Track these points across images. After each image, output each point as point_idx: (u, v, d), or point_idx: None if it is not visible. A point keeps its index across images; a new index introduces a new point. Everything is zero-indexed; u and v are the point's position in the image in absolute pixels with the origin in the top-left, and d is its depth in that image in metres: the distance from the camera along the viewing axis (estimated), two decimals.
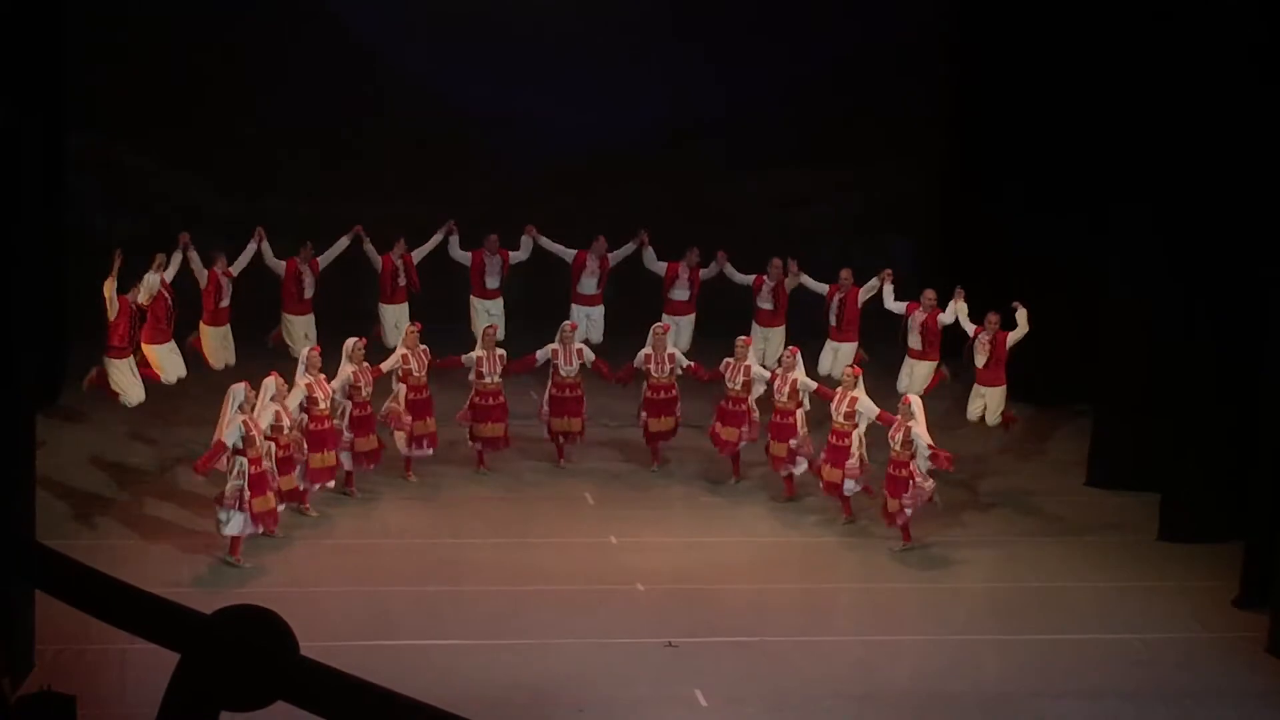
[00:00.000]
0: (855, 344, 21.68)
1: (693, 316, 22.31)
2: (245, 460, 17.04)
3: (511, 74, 26.48)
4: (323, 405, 18.54)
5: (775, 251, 26.51)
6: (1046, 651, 15.96)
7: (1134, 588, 17.55)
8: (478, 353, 20.07)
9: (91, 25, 24.37)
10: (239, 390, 17.32)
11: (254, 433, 17.14)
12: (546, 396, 20.45)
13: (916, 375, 21.11)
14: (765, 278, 22.11)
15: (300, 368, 18.74)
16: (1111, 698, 14.91)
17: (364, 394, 19.16)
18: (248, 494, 17.02)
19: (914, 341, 21.27)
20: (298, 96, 26.22)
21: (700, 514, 19.46)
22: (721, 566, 17.84)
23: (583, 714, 14.17)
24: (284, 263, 21.74)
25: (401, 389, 19.66)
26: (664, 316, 21.91)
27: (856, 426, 18.59)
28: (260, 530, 17.39)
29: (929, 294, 21.31)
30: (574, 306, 22.37)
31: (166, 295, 20.10)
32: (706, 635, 15.98)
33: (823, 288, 22.00)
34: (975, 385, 20.74)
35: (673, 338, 21.19)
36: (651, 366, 20.36)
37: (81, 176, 24.54)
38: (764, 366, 20.29)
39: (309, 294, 21.82)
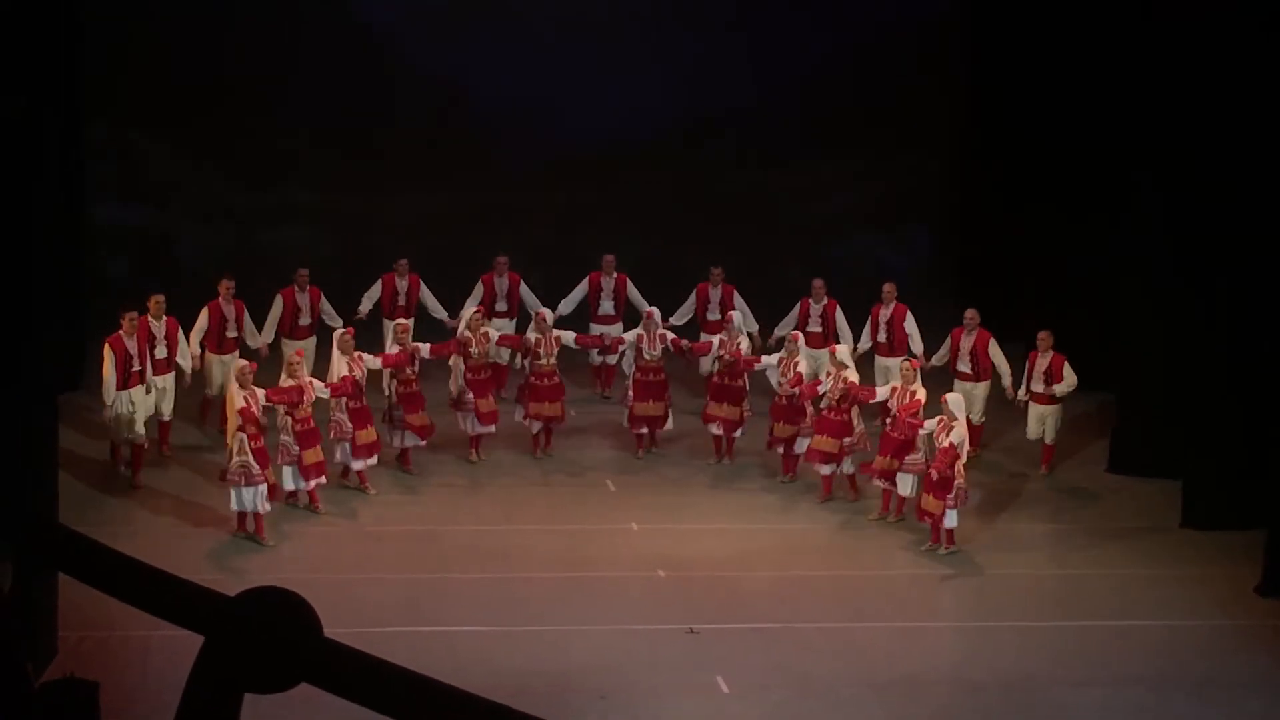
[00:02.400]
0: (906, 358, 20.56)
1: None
2: (245, 437, 17.30)
3: (525, 65, 26.45)
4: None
5: (791, 244, 26.58)
6: (1069, 639, 15.94)
7: (1156, 575, 17.52)
8: (534, 334, 20.45)
9: (106, 16, 24.40)
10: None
11: (254, 409, 17.39)
12: (631, 382, 20.75)
13: (975, 400, 20.26)
14: (810, 300, 21.65)
15: (335, 352, 18.91)
16: (1134, 685, 14.88)
17: (410, 371, 19.57)
18: (255, 469, 17.21)
19: (964, 366, 20.64)
20: (311, 88, 26.23)
21: (720, 501, 19.45)
22: (742, 553, 17.84)
23: (605, 700, 14.19)
24: (279, 299, 21.37)
25: (460, 366, 20.10)
26: (701, 336, 21.77)
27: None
28: (274, 502, 17.86)
29: (971, 314, 20.57)
30: (592, 325, 22.21)
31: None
32: (728, 622, 16.00)
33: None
34: (1032, 405, 20.17)
35: (708, 361, 21.38)
36: (724, 353, 20.57)
37: (98, 166, 24.58)
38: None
39: (305, 321, 21.40)
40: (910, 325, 21.20)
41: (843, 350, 19.58)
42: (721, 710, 14.26)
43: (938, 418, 17.95)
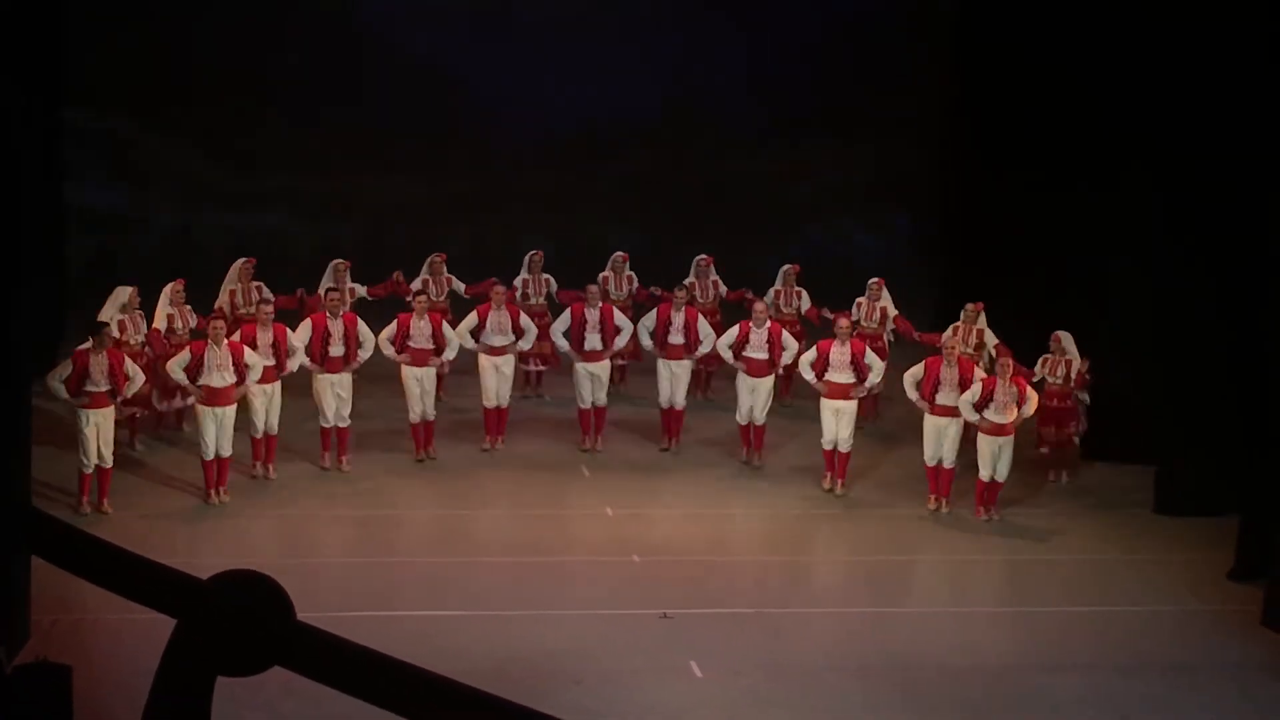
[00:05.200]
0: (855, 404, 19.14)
1: (688, 363, 20.32)
2: None
3: (511, 47, 26.45)
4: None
5: (774, 228, 26.56)
6: (1043, 624, 15.99)
7: (1129, 560, 17.60)
8: (523, 275, 21.16)
9: (88, 1, 24.35)
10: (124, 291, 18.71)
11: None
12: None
13: (949, 437, 18.53)
14: (752, 325, 19.63)
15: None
16: (1107, 670, 14.92)
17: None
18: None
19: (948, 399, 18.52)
20: (297, 72, 26.21)
21: (695, 486, 19.45)
22: (717, 538, 17.86)
23: (579, 685, 14.18)
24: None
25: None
26: (660, 365, 20.20)
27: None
28: None
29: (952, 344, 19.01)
30: (577, 366, 20.12)
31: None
32: (702, 607, 16.01)
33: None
34: (985, 438, 18.24)
35: (667, 387, 20.14)
36: (698, 294, 21.28)
37: (79, 150, 24.52)
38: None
39: (338, 351, 18.97)
40: (871, 358, 19.17)
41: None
42: (695, 695, 14.25)
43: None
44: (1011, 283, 23.22)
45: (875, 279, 21.32)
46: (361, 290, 20.67)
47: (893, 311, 21.12)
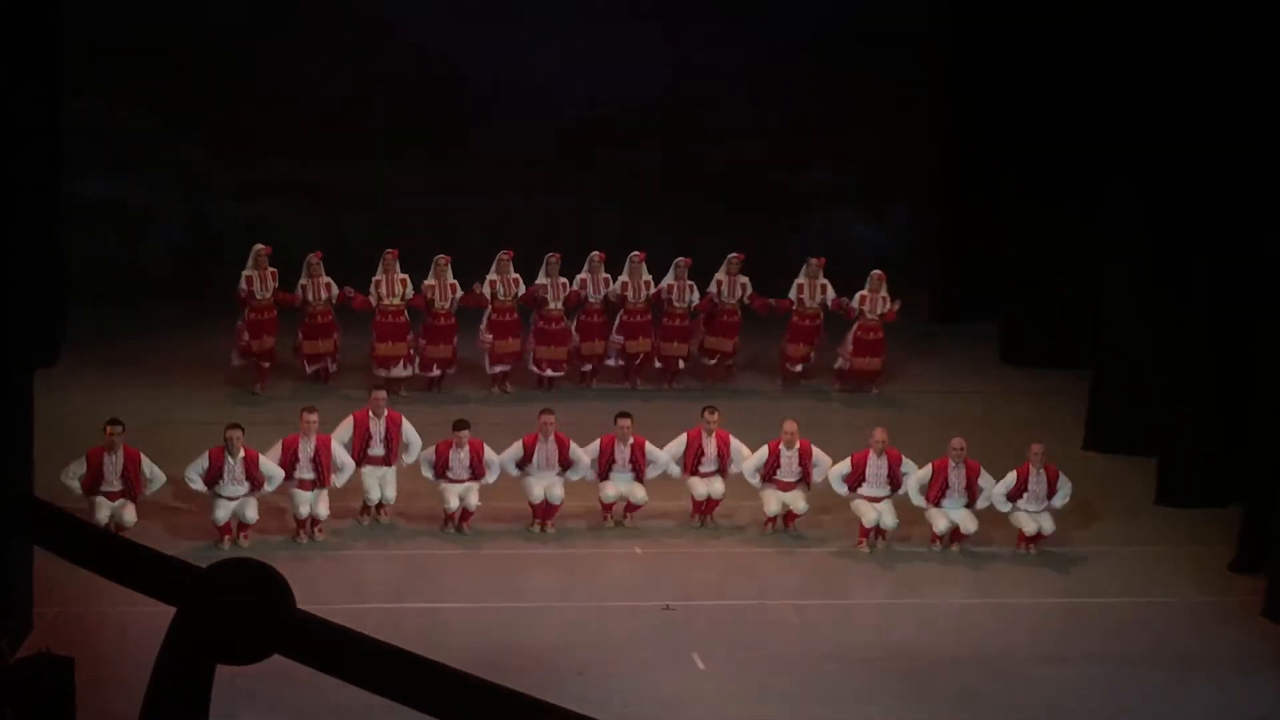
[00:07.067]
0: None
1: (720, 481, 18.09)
2: None
3: (510, 34, 26.37)
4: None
5: (772, 218, 26.49)
6: (1044, 615, 16.01)
7: (1131, 552, 17.56)
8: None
9: None
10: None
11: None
12: (576, 322, 21.59)
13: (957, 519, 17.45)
14: (782, 446, 17.68)
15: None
16: (1109, 661, 14.93)
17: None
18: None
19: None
20: (296, 58, 26.12)
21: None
22: (719, 530, 17.81)
23: (581, 676, 14.19)
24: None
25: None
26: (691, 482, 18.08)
27: None
28: None
29: (959, 444, 17.52)
30: (604, 488, 17.88)
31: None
32: (704, 599, 16.01)
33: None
34: (1025, 516, 17.47)
35: (703, 490, 17.92)
36: (629, 293, 21.60)
37: (77, 140, 24.46)
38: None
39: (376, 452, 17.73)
40: (908, 466, 17.54)
41: None
42: (698, 687, 14.27)
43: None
44: (1010, 274, 23.23)
45: (735, 254, 21.86)
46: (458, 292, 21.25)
47: (750, 289, 21.89)
